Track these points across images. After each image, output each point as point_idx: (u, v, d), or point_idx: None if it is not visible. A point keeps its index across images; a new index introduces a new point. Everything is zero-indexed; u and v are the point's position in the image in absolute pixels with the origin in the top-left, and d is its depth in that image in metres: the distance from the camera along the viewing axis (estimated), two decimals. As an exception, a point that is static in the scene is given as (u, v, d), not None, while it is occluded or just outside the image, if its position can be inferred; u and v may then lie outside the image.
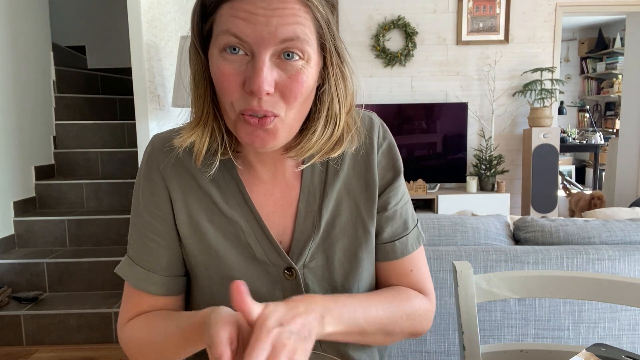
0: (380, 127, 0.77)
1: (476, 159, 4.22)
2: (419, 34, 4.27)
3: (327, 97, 0.67)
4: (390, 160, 0.77)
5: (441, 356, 1.36)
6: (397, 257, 0.77)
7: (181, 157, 0.72)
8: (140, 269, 0.74)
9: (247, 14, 0.58)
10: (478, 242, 1.44)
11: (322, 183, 0.74)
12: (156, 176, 0.73)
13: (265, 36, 0.58)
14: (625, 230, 1.42)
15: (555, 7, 4.25)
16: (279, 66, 0.60)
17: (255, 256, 0.72)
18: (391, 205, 0.77)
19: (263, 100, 0.60)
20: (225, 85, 0.61)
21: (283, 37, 0.58)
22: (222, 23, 0.60)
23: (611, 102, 7.05)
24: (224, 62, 0.61)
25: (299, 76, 0.61)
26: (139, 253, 0.74)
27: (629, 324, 1.30)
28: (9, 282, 2.77)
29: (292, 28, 0.58)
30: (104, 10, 4.72)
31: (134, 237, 0.75)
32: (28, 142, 3.23)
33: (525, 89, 4.23)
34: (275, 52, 0.60)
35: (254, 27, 0.58)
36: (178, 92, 2.52)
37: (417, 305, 0.75)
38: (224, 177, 0.73)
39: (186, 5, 3.20)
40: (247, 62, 0.60)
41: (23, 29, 3.24)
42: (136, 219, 0.75)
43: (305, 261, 0.73)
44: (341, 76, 0.67)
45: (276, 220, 0.74)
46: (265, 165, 0.73)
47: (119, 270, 0.76)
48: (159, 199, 0.73)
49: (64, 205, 3.28)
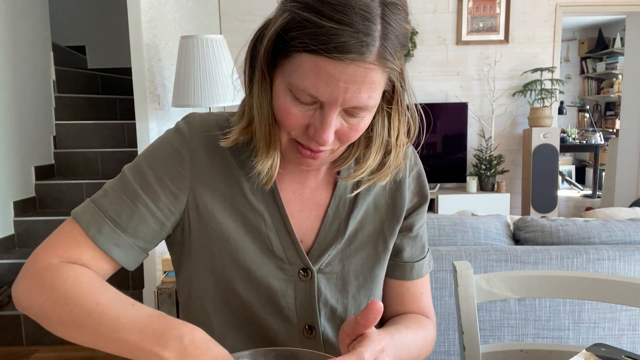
0: (412, 153, 0.81)
1: (476, 159, 4.22)
2: (419, 34, 4.27)
3: (385, 129, 0.69)
4: (419, 186, 0.80)
5: (441, 356, 1.36)
6: (412, 277, 0.80)
7: (216, 141, 0.70)
8: (108, 224, 0.65)
9: (329, 78, 0.58)
10: (478, 242, 1.44)
11: (355, 193, 0.75)
12: (185, 152, 0.70)
13: (339, 101, 0.59)
14: (625, 230, 1.42)
15: (555, 7, 4.25)
16: (343, 118, 0.63)
17: (273, 251, 0.72)
18: (416, 228, 0.80)
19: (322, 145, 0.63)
20: (289, 123, 0.63)
21: (355, 105, 0.60)
22: (299, 74, 0.59)
23: (611, 102, 7.05)
24: (292, 104, 0.62)
25: (358, 126, 0.64)
26: (116, 209, 0.66)
27: (629, 324, 1.30)
28: (9, 282, 2.77)
29: (365, 98, 0.60)
30: (104, 10, 4.72)
31: (118, 191, 0.68)
32: (28, 142, 3.23)
33: (525, 89, 4.23)
34: (343, 109, 0.62)
35: (332, 92, 0.58)
36: (178, 92, 2.52)
37: (432, 335, 0.81)
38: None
39: (186, 5, 3.20)
40: (315, 109, 0.62)
41: (23, 29, 3.23)
42: (134, 177, 0.68)
43: (322, 265, 0.74)
44: (403, 116, 0.69)
45: (300, 219, 0.74)
46: (298, 167, 0.73)
47: (76, 214, 0.67)
48: (178, 173, 0.69)
49: (64, 205, 3.27)
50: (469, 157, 4.32)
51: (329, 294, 0.74)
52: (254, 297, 0.72)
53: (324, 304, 0.74)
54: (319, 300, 0.74)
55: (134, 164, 0.71)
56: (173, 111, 2.87)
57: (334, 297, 0.75)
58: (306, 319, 0.74)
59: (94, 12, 4.77)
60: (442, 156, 4.25)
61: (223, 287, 0.73)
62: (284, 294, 0.73)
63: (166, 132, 0.73)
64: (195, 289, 0.74)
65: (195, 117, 0.73)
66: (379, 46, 0.57)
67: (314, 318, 0.74)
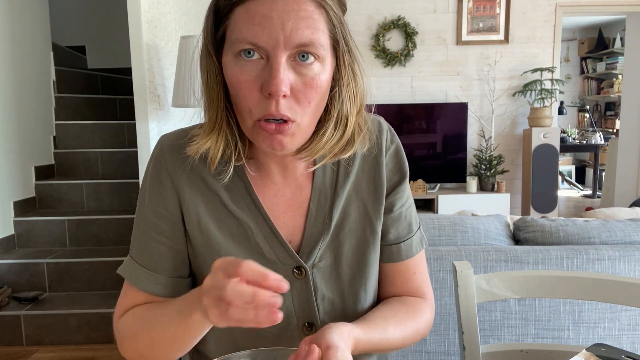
0: (388, 130, 0.79)
1: (476, 159, 4.22)
2: (419, 34, 4.27)
3: (339, 98, 0.67)
4: (398, 163, 0.78)
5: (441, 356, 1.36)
6: (401, 258, 0.79)
7: (190, 159, 0.72)
8: (144, 270, 0.73)
9: (261, 19, 0.58)
10: (478, 242, 1.44)
11: (333, 183, 0.75)
12: (165, 178, 0.73)
13: (280, 40, 0.58)
14: (625, 230, 1.42)
15: (555, 7, 4.25)
16: (294, 69, 0.61)
17: (265, 256, 0.73)
18: (397, 207, 0.78)
19: (280, 104, 0.60)
20: (243, 92, 0.62)
21: (298, 42, 0.59)
22: (236, 28, 0.60)
23: (611, 102, 7.05)
24: (240, 68, 0.61)
25: (314, 81, 0.62)
26: (142, 254, 0.74)
27: (629, 324, 1.30)
28: (9, 282, 2.77)
29: (308, 33, 0.59)
30: (104, 10, 4.72)
31: (138, 238, 0.75)
32: (28, 142, 3.23)
33: (525, 89, 4.23)
34: (291, 54, 0.60)
35: (270, 32, 0.58)
36: (178, 92, 2.52)
37: (426, 320, 0.79)
38: (233, 179, 0.73)
39: (186, 5, 3.20)
40: (263, 66, 0.61)
41: (23, 29, 3.24)
42: (140, 220, 0.74)
43: (315, 261, 0.74)
44: (352, 76, 0.67)
45: (286, 220, 0.74)
46: (276, 167, 0.74)
47: (121, 271, 0.75)
48: (166, 200, 0.73)
49: (64, 205, 3.27)
50: (469, 157, 4.32)
51: (325, 287, 0.75)
52: None
53: (322, 299, 0.75)
54: (317, 296, 0.74)
55: (137, 207, 0.76)
56: (173, 111, 2.87)
57: (330, 290, 0.75)
58: (305, 316, 0.74)
59: (94, 12, 4.77)
60: (442, 156, 4.25)
61: None
62: (282, 295, 0.73)
63: (148, 162, 0.77)
64: None
65: (165, 138, 0.76)
66: None
67: (313, 314, 0.74)
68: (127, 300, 0.75)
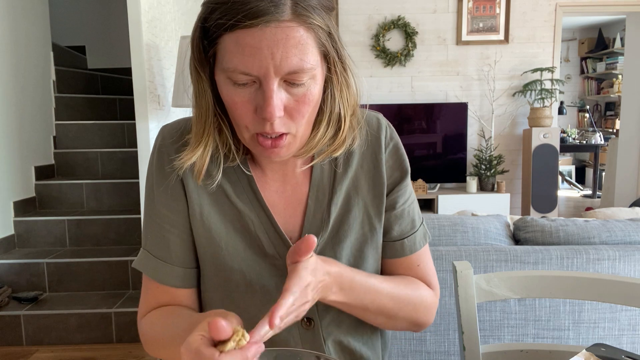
0: (387, 127, 0.79)
1: (476, 159, 4.22)
2: (419, 34, 4.27)
3: (331, 100, 0.69)
4: (398, 160, 0.78)
5: (441, 356, 1.36)
6: (405, 254, 0.79)
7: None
8: (159, 261, 0.74)
9: (252, 50, 0.59)
10: (478, 242, 1.44)
11: (331, 180, 0.76)
12: (169, 168, 0.74)
13: (270, 70, 0.59)
14: (625, 230, 1.42)
15: (555, 7, 4.25)
16: (286, 90, 0.62)
17: (265, 250, 0.73)
18: (399, 204, 0.78)
19: (275, 124, 0.63)
20: (238, 112, 0.63)
21: (288, 70, 0.60)
22: (227, 57, 0.61)
23: (611, 102, 7.05)
24: (234, 90, 0.62)
25: (306, 97, 0.63)
26: (156, 245, 0.75)
27: (629, 324, 1.30)
28: (9, 282, 2.77)
29: (296, 60, 0.60)
30: (104, 10, 4.73)
31: (150, 229, 0.76)
32: (28, 142, 3.23)
33: (525, 89, 4.23)
34: (282, 79, 0.61)
35: (260, 62, 0.59)
36: (178, 92, 2.52)
37: (423, 296, 0.78)
38: (236, 172, 0.74)
39: (186, 5, 3.19)
40: (256, 89, 0.62)
41: (23, 29, 3.23)
42: (151, 212, 0.76)
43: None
44: (345, 82, 0.69)
45: (286, 217, 0.75)
46: (275, 167, 0.75)
47: (136, 264, 0.76)
48: (174, 190, 0.74)
49: (64, 205, 3.27)
50: (469, 157, 4.32)
51: None
52: (248, 299, 0.73)
53: None
54: None
55: (145, 198, 0.78)
56: (173, 111, 2.87)
57: None
58: None
59: (94, 12, 4.77)
60: (442, 156, 4.25)
61: (223, 296, 0.75)
62: (280, 290, 0.73)
63: (150, 156, 0.77)
64: (203, 300, 0.79)
65: (166, 128, 0.77)
66: (291, 3, 0.59)
67: (311, 309, 0.74)
68: (148, 297, 0.76)
